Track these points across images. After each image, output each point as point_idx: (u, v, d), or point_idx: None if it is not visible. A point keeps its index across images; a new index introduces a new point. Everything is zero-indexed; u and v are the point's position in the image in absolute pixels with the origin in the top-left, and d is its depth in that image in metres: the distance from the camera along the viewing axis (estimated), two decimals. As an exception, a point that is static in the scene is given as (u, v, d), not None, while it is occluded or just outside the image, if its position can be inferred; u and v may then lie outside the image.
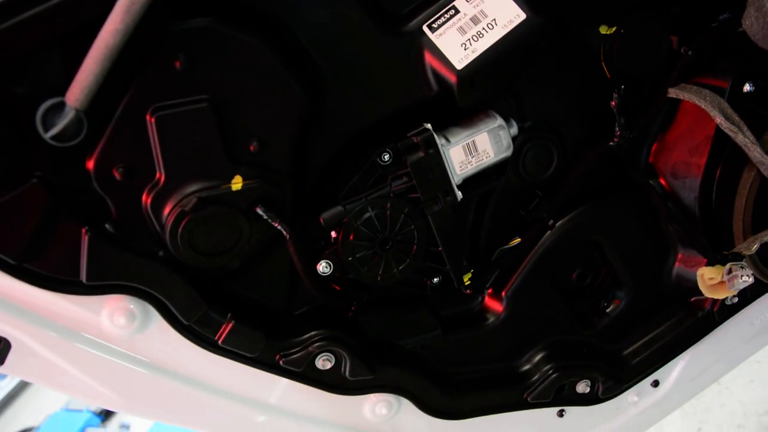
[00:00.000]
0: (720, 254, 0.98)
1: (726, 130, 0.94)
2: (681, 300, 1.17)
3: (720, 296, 0.98)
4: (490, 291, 1.10)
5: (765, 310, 1.23)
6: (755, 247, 0.94)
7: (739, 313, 1.20)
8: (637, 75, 1.01)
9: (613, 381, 1.15)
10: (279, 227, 0.87)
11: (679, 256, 1.13)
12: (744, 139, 0.93)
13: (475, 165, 0.95)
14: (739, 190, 0.97)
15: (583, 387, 1.13)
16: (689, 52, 1.00)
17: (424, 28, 0.89)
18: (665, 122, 1.06)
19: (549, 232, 1.06)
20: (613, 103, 0.99)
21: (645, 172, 1.08)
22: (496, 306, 1.09)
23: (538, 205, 1.05)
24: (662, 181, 1.08)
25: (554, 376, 1.10)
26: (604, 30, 0.98)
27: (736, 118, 0.95)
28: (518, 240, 1.06)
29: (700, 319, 1.17)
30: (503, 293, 1.08)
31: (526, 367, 1.13)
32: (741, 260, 0.96)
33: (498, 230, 1.06)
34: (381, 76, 0.90)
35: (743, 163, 0.96)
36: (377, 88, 0.90)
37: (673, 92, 0.99)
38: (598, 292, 1.15)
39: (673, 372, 1.22)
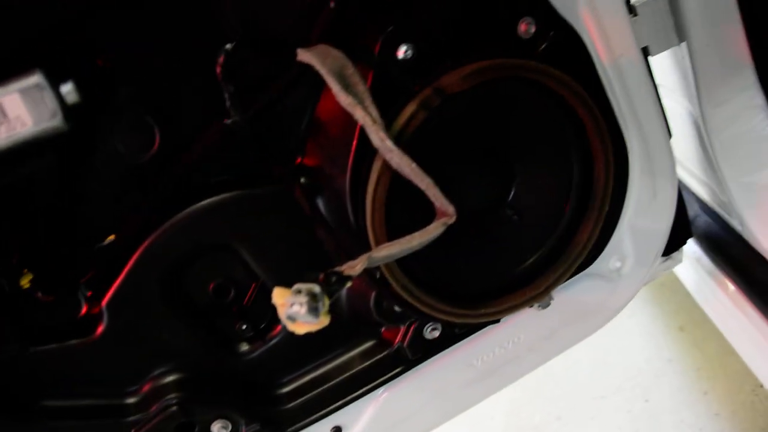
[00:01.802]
0: (324, 272, 0.72)
1: (343, 104, 0.69)
2: (368, 329, 0.92)
3: (296, 330, 0.73)
4: (89, 295, 0.85)
5: (489, 349, 0.98)
6: (360, 267, 0.69)
7: (450, 350, 0.95)
8: (262, 31, 0.77)
9: (263, 425, 0.90)
10: None
11: (350, 271, 0.87)
12: (364, 115, 0.68)
13: (5, 135, 0.71)
14: (369, 185, 0.72)
15: (217, 430, 0.88)
16: (331, 3, 0.75)
17: None
18: (316, 94, 0.81)
19: (160, 228, 0.82)
20: (218, 69, 0.75)
21: (292, 160, 0.83)
22: (98, 317, 0.84)
23: (136, 195, 0.80)
24: (318, 174, 0.83)
25: (171, 411, 0.85)
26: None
27: (360, 88, 0.70)
28: (113, 237, 0.82)
29: (388, 356, 0.92)
30: (103, 302, 0.83)
31: (138, 397, 0.88)
32: (316, 282, 0.69)
33: (94, 222, 0.81)
34: None
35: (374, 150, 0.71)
36: None
37: (301, 54, 0.75)
38: (248, 311, 0.90)
39: (361, 418, 0.97)
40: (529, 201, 0.83)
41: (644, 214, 1.00)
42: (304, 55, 0.74)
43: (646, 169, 0.98)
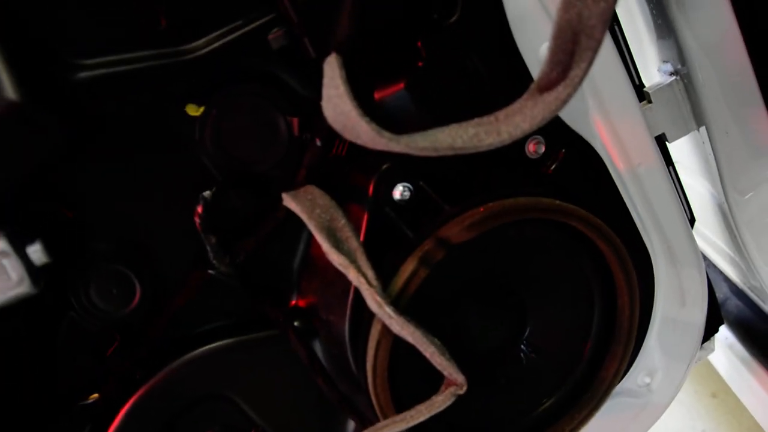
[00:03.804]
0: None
1: (335, 263, 0.63)
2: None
3: None
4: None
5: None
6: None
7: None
8: (247, 171, 0.71)
9: None
10: None
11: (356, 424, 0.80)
12: (357, 276, 0.61)
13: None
14: (368, 349, 0.65)
15: None
16: (317, 140, 0.69)
17: None
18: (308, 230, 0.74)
19: (147, 383, 0.75)
20: (197, 219, 0.68)
21: (286, 302, 0.77)
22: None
23: (117, 351, 0.74)
24: (313, 316, 0.77)
25: None
26: (192, 111, 0.68)
27: (353, 244, 0.63)
28: (96, 396, 0.75)
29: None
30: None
31: None
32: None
33: (74, 380, 0.75)
34: None
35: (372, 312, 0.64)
36: None
37: (286, 201, 0.68)
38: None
39: None
40: (547, 336, 0.76)
41: (673, 321, 0.92)
42: (289, 203, 0.67)
43: (671, 273, 0.90)
